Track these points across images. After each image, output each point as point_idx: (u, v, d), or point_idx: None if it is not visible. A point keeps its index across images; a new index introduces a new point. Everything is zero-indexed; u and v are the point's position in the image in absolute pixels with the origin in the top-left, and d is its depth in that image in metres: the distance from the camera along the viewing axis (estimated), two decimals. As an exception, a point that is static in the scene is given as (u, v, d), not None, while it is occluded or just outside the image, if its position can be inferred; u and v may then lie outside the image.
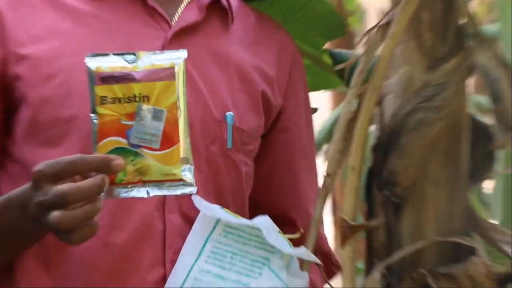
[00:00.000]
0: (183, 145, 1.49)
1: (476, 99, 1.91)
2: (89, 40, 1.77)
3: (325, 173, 1.77)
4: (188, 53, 1.62)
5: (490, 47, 1.77)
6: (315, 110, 2.41)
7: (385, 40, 1.76)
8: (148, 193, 1.47)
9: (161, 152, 1.48)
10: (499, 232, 1.84)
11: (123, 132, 1.48)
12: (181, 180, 1.48)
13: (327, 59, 2.31)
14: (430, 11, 1.79)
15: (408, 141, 1.75)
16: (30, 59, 1.73)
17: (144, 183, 1.47)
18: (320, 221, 1.79)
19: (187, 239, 1.69)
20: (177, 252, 1.70)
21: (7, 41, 1.74)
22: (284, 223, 1.85)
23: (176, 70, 1.51)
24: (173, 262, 1.70)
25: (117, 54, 1.53)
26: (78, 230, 1.40)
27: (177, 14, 1.83)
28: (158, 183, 1.48)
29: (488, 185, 2.27)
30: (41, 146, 1.72)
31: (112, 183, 1.44)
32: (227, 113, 1.81)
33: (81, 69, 1.56)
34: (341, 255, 1.78)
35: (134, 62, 1.51)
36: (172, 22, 1.81)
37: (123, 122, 1.48)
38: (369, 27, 1.89)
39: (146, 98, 1.47)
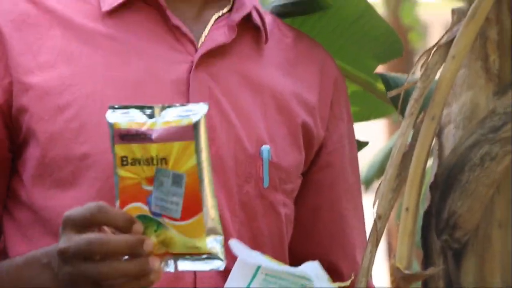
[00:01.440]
0: (208, 213, 1.44)
1: None
2: (103, 66, 1.73)
3: (375, 215, 1.68)
4: (217, 79, 1.75)
5: None
6: (365, 143, 2.47)
7: (446, 62, 1.67)
8: (175, 267, 1.43)
9: (184, 222, 1.44)
10: None
11: (145, 198, 1.44)
12: (209, 253, 1.43)
13: (380, 85, 2.20)
14: (498, 29, 1.73)
15: (471, 179, 1.67)
16: (38, 89, 1.69)
17: (171, 255, 1.44)
18: (370, 271, 1.68)
19: None
20: None
21: (11, 68, 1.70)
22: (329, 274, 1.69)
23: (197, 127, 1.44)
24: None
25: (138, 108, 1.48)
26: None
27: (204, 34, 1.79)
28: (185, 256, 1.45)
29: None
30: (52, 188, 1.68)
31: None
32: (263, 147, 1.77)
33: (95, 99, 1.66)
34: None
35: (153, 117, 1.46)
36: (199, 43, 1.77)
37: (144, 187, 1.44)
38: (430, 45, 1.80)
39: (164, 161, 1.43)
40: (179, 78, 1.73)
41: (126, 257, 1.39)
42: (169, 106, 1.47)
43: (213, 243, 1.42)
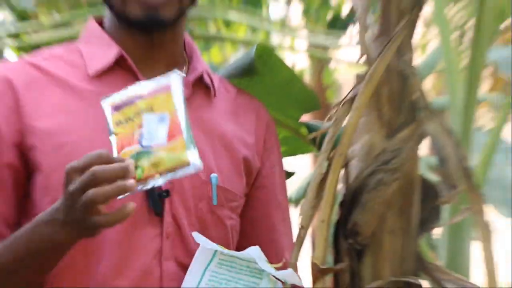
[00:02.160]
0: (185, 136, 1.67)
1: (427, 160, 2.14)
2: (91, 115, 1.91)
3: (300, 225, 1.94)
4: None
5: (438, 118, 1.91)
6: (292, 173, 2.59)
7: (350, 112, 1.92)
8: (164, 180, 1.66)
9: (169, 144, 1.67)
10: (444, 273, 1.99)
11: (137, 141, 1.68)
12: (188, 162, 1.65)
13: (303, 130, 2.46)
14: (388, 88, 1.96)
15: (368, 199, 1.93)
16: (43, 132, 1.89)
17: (160, 174, 1.64)
18: (296, 265, 1.95)
19: (189, 269, 1.86)
20: None
21: (23, 116, 1.89)
22: None
23: (171, 84, 1.70)
24: None
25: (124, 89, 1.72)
26: (110, 214, 1.58)
27: None
28: (171, 170, 1.66)
29: (436, 232, 2.53)
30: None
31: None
32: (212, 175, 1.98)
33: (85, 140, 1.84)
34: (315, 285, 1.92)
35: (139, 87, 1.71)
36: None
37: (135, 133, 1.68)
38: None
39: (150, 109, 1.68)
40: None
41: None
42: (152, 80, 1.72)
43: (191, 154, 1.65)
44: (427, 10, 2.43)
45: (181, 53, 2.09)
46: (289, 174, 2.54)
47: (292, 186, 3.36)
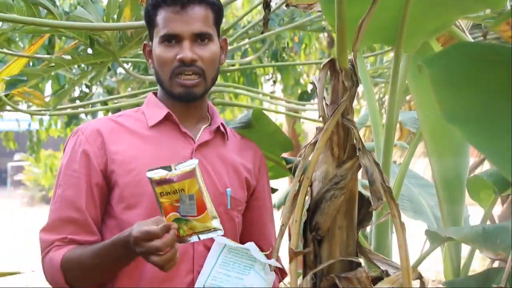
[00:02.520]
0: (209, 209, 1.79)
1: (362, 181, 2.22)
2: (151, 152, 2.01)
3: (281, 223, 1.97)
4: (205, 157, 2.04)
5: (369, 156, 1.95)
6: (276, 189, 2.63)
7: (313, 152, 1.96)
8: (198, 238, 1.81)
9: (199, 216, 1.79)
10: (374, 254, 2.09)
11: (176, 209, 1.79)
12: (214, 228, 1.81)
13: (283, 162, 2.53)
14: (337, 136, 2.01)
15: (325, 206, 1.97)
16: (119, 161, 1.99)
17: (195, 233, 1.80)
18: (278, 250, 2.01)
19: (207, 256, 1.98)
20: (200, 266, 1.97)
21: (107, 152, 1.98)
22: None
23: (194, 171, 1.79)
24: (198, 272, 1.96)
25: (162, 168, 1.79)
26: (168, 264, 1.72)
27: (198, 135, 2.07)
28: (203, 232, 1.81)
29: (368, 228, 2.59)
30: (125, 209, 1.98)
31: (178, 236, 1.77)
32: (227, 189, 2.08)
33: (146, 167, 1.83)
34: (290, 267, 1.95)
35: (171, 171, 1.78)
36: (196, 139, 2.06)
37: (175, 205, 1.79)
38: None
39: (182, 190, 1.77)
40: (185, 156, 2.00)
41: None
42: (177, 164, 1.79)
43: (215, 223, 1.80)
44: (360, 88, 2.52)
45: (205, 112, 2.14)
46: (274, 190, 2.61)
47: (276, 197, 3.43)
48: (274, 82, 8.33)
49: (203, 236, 1.82)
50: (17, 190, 22.36)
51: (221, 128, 2.12)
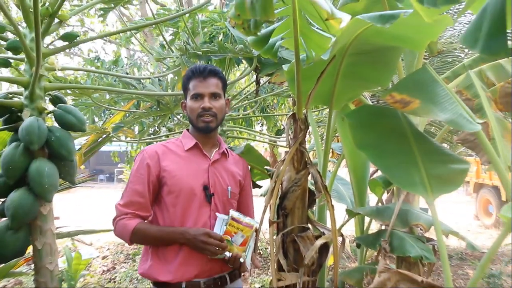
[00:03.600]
0: (247, 248, 1.84)
1: (311, 181, 2.21)
2: (185, 166, 1.89)
3: (264, 205, 1.90)
4: (216, 168, 1.94)
5: (314, 167, 1.85)
6: (261, 186, 2.52)
7: (283, 165, 1.89)
8: (229, 255, 1.81)
9: (241, 247, 1.82)
10: (316, 223, 1.98)
11: (231, 236, 1.81)
12: (245, 256, 1.84)
13: (266, 171, 2.40)
14: (296, 156, 1.90)
15: (289, 196, 1.90)
16: (166, 171, 1.86)
17: (230, 253, 1.82)
18: (262, 220, 1.92)
19: (215, 226, 1.87)
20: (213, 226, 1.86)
21: (160, 165, 1.87)
22: None
23: (254, 227, 1.84)
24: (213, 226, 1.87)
25: (238, 212, 1.87)
26: (214, 256, 1.78)
27: (212, 155, 1.97)
28: (241, 255, 1.83)
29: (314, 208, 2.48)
30: (169, 196, 1.86)
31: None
32: (228, 187, 1.97)
33: (184, 176, 1.84)
34: (270, 230, 1.88)
35: (243, 218, 1.84)
36: (211, 158, 1.96)
37: (232, 233, 1.82)
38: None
39: (241, 230, 1.82)
40: (205, 168, 1.92)
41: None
42: (246, 217, 1.85)
43: (242, 256, 1.83)
44: (310, 129, 2.53)
45: (216, 141, 2.04)
46: (259, 186, 2.51)
47: (261, 190, 3.38)
48: (262, 124, 8.38)
49: (241, 257, 1.85)
50: (119, 184, 22.52)
51: (225, 151, 2.04)
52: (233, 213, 1.85)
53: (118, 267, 6.64)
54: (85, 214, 12.43)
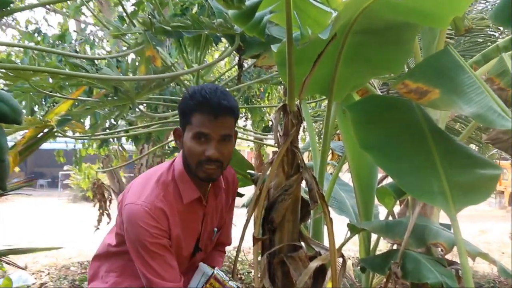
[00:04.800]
0: None
1: (304, 189, 2.26)
2: (184, 227, 1.95)
3: (246, 218, 1.96)
4: (208, 214, 2.05)
5: (309, 171, 1.91)
6: (243, 194, 2.58)
7: (271, 167, 1.94)
8: None
9: None
10: (311, 240, 2.05)
11: None
12: None
13: (248, 176, 2.45)
14: (287, 157, 1.94)
15: (278, 207, 1.94)
16: (172, 237, 1.92)
17: None
18: (243, 236, 2.00)
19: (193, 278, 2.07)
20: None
21: (170, 230, 1.91)
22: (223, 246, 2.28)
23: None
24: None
25: (225, 273, 2.01)
26: None
27: (206, 198, 2.03)
28: None
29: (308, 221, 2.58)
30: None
31: None
32: (215, 229, 2.11)
33: (180, 242, 1.93)
34: (253, 249, 1.94)
35: (227, 281, 1.97)
36: (206, 202, 2.02)
37: None
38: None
39: None
40: (200, 220, 2.04)
41: None
42: (231, 280, 1.98)
43: None
44: (305, 124, 2.58)
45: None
46: (241, 195, 2.54)
47: (244, 199, 3.41)
48: (246, 119, 8.42)
49: None
50: (65, 191, 22.52)
51: (222, 185, 2.08)
52: (218, 272, 1.95)
53: (60, 296, 6.62)
54: (19, 229, 12.32)
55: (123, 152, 6.78)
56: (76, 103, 4.28)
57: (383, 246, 3.22)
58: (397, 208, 2.95)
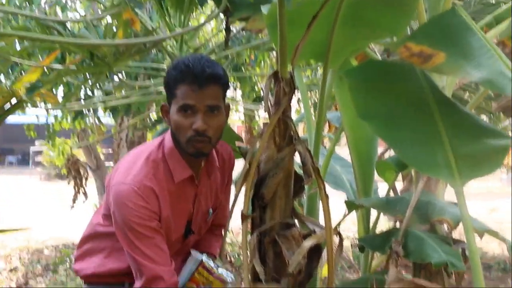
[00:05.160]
0: None
1: (297, 162, 2.26)
2: (175, 207, 2.00)
3: (235, 194, 1.97)
4: (201, 194, 2.09)
5: (302, 143, 1.96)
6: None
7: (260, 141, 1.96)
8: None
9: None
10: (305, 217, 2.08)
11: (198, 286, 2.04)
12: None
13: (237, 149, 2.30)
14: (278, 128, 1.96)
15: (269, 182, 1.96)
16: (160, 217, 1.94)
17: None
18: (231, 214, 2.03)
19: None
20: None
21: (160, 212, 1.94)
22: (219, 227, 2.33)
23: (227, 284, 2.04)
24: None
25: (213, 260, 2.10)
26: None
27: (199, 177, 2.06)
28: None
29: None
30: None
31: None
32: (210, 209, 2.16)
33: (171, 224, 1.98)
34: (242, 227, 1.94)
35: (217, 268, 2.04)
36: (198, 182, 2.05)
37: (199, 283, 2.03)
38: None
39: (211, 282, 2.03)
40: (191, 200, 2.07)
41: None
42: (220, 266, 2.05)
43: None
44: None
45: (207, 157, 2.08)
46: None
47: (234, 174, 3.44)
48: (235, 88, 8.41)
49: None
50: (37, 168, 22.48)
51: (213, 161, 2.10)
52: (206, 261, 2.01)
53: (32, 282, 6.64)
54: (-14, 209, 12.32)
55: (100, 126, 6.74)
56: (48, 72, 4.25)
57: (384, 225, 3.25)
58: (399, 186, 2.97)
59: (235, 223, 2.13)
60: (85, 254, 2.12)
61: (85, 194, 6.15)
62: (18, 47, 3.55)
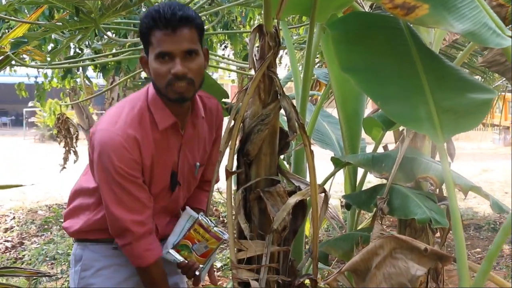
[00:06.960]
0: (205, 262, 2.08)
1: (283, 118, 2.20)
2: (159, 155, 1.98)
3: (219, 150, 1.99)
4: (186, 144, 2.06)
5: (288, 99, 1.94)
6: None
7: (245, 96, 1.93)
8: (199, 270, 2.05)
9: (201, 258, 2.05)
10: (290, 174, 2.08)
11: (192, 242, 2.03)
12: (202, 267, 2.06)
13: (223, 104, 2.38)
14: (263, 83, 1.95)
15: (254, 138, 1.95)
16: (143, 165, 1.94)
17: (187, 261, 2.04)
18: (218, 171, 2.04)
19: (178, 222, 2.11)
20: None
21: (141, 158, 1.92)
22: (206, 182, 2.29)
23: (220, 240, 2.05)
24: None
25: (210, 219, 2.09)
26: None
27: (184, 127, 2.04)
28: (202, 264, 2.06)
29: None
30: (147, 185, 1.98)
31: (178, 252, 2.04)
32: (196, 164, 2.12)
33: (154, 171, 1.97)
34: (226, 183, 1.95)
35: (213, 226, 2.05)
36: (183, 131, 2.03)
37: (194, 240, 2.02)
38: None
39: (206, 240, 2.04)
40: (176, 149, 2.04)
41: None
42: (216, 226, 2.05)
43: (200, 266, 2.06)
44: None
45: (190, 104, 2.05)
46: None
47: None
48: (226, 47, 8.35)
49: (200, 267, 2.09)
50: (31, 130, 22.42)
51: (199, 111, 2.07)
52: (202, 218, 2.01)
53: (27, 242, 6.68)
54: (-19, 170, 12.34)
55: (90, 85, 6.68)
56: (34, 29, 4.20)
57: (371, 182, 3.24)
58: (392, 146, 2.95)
59: (224, 183, 2.13)
60: (73, 211, 2.11)
61: (75, 153, 6.12)
62: (3, 2, 3.49)
